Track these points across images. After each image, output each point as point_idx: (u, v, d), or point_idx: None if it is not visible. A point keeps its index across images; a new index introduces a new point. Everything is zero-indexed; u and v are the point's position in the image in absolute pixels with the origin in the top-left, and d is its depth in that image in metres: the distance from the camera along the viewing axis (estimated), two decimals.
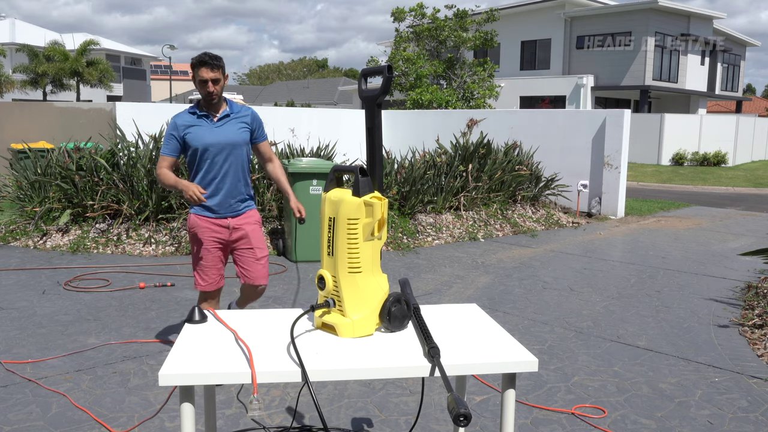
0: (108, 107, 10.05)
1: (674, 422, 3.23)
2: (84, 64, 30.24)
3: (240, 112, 3.53)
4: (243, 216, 3.58)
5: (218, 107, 3.48)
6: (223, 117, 3.48)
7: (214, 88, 3.37)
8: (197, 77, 3.35)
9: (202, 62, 3.33)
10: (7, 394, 3.40)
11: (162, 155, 3.48)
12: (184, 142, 3.44)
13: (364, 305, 1.90)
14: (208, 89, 3.36)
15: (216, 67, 3.35)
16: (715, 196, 14.90)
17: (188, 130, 3.43)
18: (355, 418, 3.21)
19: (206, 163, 3.45)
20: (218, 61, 3.38)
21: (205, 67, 3.33)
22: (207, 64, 3.33)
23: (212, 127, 3.45)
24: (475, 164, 9.28)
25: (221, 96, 3.47)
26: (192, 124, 3.44)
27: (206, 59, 3.34)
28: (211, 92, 3.37)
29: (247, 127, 3.53)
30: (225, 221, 3.52)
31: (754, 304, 5.31)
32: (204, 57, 3.35)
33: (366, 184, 1.86)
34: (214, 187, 3.48)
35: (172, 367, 1.67)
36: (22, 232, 7.32)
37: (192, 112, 3.47)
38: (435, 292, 5.64)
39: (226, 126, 3.48)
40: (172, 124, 3.46)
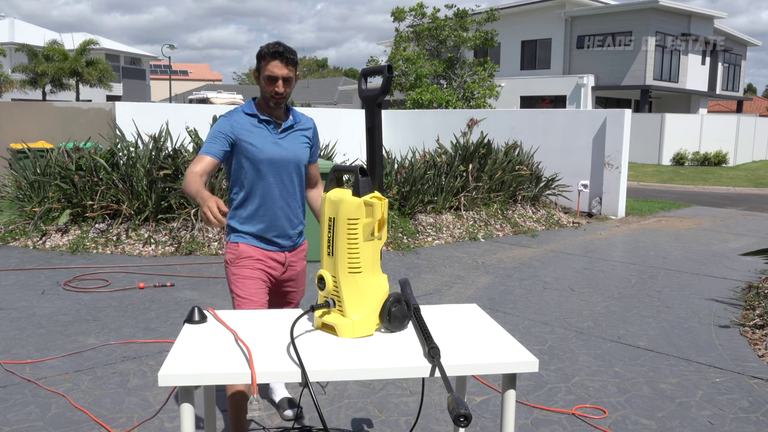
0: (107, 107, 10.04)
1: (675, 423, 3.23)
2: (83, 63, 30.24)
3: (303, 123, 2.87)
4: (299, 250, 2.91)
5: (280, 113, 2.78)
6: (288, 127, 2.78)
7: (284, 88, 2.66)
8: (264, 71, 2.64)
9: (276, 53, 2.61)
10: (7, 395, 3.40)
11: (201, 154, 2.65)
12: (234, 147, 2.68)
13: (364, 305, 1.89)
14: (277, 89, 2.65)
15: (291, 62, 2.65)
16: (716, 196, 14.89)
17: (246, 137, 2.68)
18: (355, 418, 3.20)
19: (264, 182, 2.72)
20: (294, 56, 2.68)
21: (278, 61, 2.62)
22: (282, 56, 2.62)
23: (276, 137, 2.73)
24: (476, 164, 9.28)
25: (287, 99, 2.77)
26: (250, 129, 2.70)
27: (281, 50, 2.62)
28: (281, 93, 2.66)
29: (309, 142, 2.87)
30: (281, 255, 2.81)
31: (755, 305, 5.30)
32: (279, 47, 2.63)
33: (366, 184, 1.85)
34: (273, 213, 2.75)
35: (171, 367, 1.66)
36: (22, 232, 7.32)
37: (250, 114, 2.73)
38: (435, 293, 5.63)
39: (290, 138, 2.78)
40: (224, 123, 2.70)
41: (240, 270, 2.73)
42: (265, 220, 2.74)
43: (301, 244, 2.92)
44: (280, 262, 2.80)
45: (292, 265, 2.86)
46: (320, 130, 12.09)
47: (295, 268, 2.89)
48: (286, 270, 2.84)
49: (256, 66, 2.70)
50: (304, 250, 2.94)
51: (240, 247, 2.74)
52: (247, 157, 2.68)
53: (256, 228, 2.74)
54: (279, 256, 2.80)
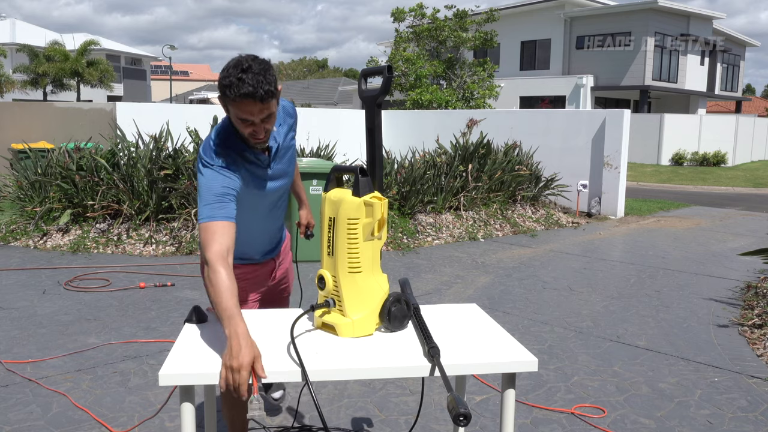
0: (108, 107, 10.06)
1: (674, 422, 3.24)
2: (84, 64, 30.24)
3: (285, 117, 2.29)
4: (283, 248, 2.62)
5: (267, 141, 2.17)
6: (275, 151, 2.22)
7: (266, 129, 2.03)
8: (233, 110, 1.97)
9: (247, 95, 1.91)
10: (8, 394, 3.41)
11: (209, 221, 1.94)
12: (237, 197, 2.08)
13: (364, 305, 1.90)
14: (256, 133, 2.02)
15: (269, 96, 1.94)
16: (715, 196, 14.90)
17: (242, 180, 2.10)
18: (355, 417, 3.21)
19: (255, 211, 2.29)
20: (270, 84, 1.94)
21: (250, 101, 1.92)
22: (254, 96, 1.91)
23: (267, 171, 2.22)
24: (475, 164, 9.29)
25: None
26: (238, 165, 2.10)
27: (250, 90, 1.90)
28: (262, 138, 2.05)
29: (294, 140, 2.38)
30: (271, 264, 2.53)
31: (753, 304, 5.31)
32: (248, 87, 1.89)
33: (366, 184, 1.86)
34: (262, 234, 2.41)
35: (172, 366, 1.67)
36: (23, 232, 7.33)
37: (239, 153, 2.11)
38: (435, 292, 5.64)
39: (280, 156, 2.26)
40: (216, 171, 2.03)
41: None
42: (251, 245, 2.41)
43: (284, 240, 2.63)
44: (269, 271, 2.55)
45: (281, 264, 2.61)
46: (320, 131, 12.10)
47: (284, 264, 2.63)
48: (276, 271, 2.59)
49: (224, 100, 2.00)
50: (287, 244, 2.66)
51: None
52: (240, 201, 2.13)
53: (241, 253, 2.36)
54: (269, 265, 2.54)
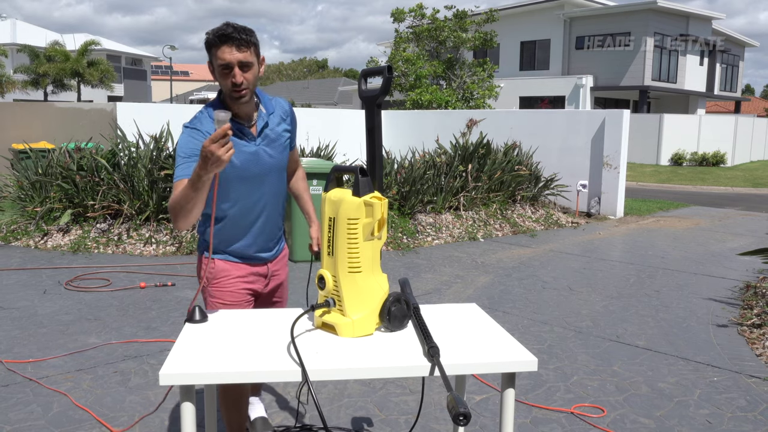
0: (109, 107, 10.06)
1: (673, 421, 3.25)
2: (85, 64, 30.24)
3: (278, 111, 2.40)
4: (279, 258, 2.59)
5: (251, 109, 2.29)
6: (264, 126, 2.32)
7: (243, 77, 2.15)
8: (216, 61, 2.14)
9: (224, 36, 2.10)
10: (8, 394, 3.41)
11: (176, 182, 2.14)
12: None
13: (364, 305, 1.91)
14: (234, 79, 2.14)
15: (245, 43, 2.12)
16: (714, 196, 14.91)
17: None
18: (355, 417, 3.22)
19: (244, 197, 2.34)
20: (249, 35, 2.14)
21: (228, 45, 2.10)
22: (231, 39, 2.10)
23: (252, 146, 2.29)
24: (475, 164, 9.29)
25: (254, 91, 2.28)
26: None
27: (229, 32, 2.10)
28: (240, 84, 2.15)
29: (288, 134, 2.44)
30: (263, 268, 2.50)
31: (752, 304, 5.32)
32: (226, 29, 2.11)
33: (366, 184, 1.87)
34: (252, 227, 2.41)
35: (172, 366, 1.68)
36: (23, 232, 7.33)
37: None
38: (435, 292, 5.65)
39: (271, 139, 2.35)
40: (189, 137, 2.20)
41: (219, 292, 2.42)
42: (245, 236, 2.41)
43: (282, 250, 2.61)
44: (262, 275, 2.51)
45: (276, 274, 2.58)
46: (320, 131, 12.09)
47: (279, 277, 2.61)
48: (269, 281, 2.56)
49: (209, 58, 2.20)
50: (285, 255, 2.64)
51: (217, 264, 2.41)
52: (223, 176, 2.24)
53: (234, 245, 2.41)
54: (261, 269, 2.49)
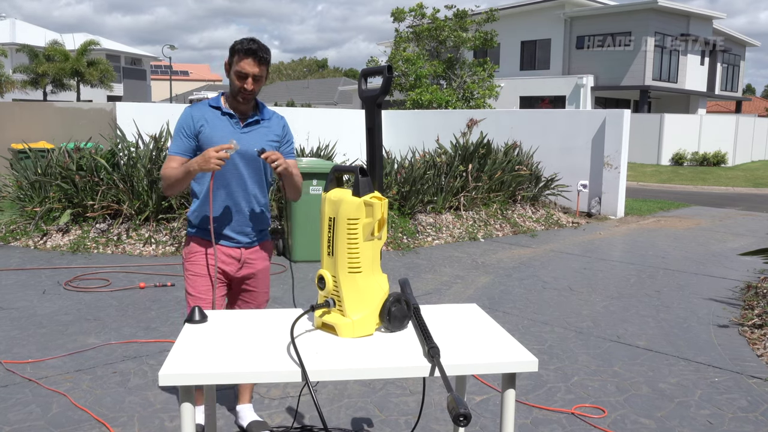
0: (108, 107, 10.06)
1: (674, 422, 3.24)
2: (84, 64, 30.25)
3: (272, 119, 2.81)
4: (257, 248, 2.84)
5: (247, 109, 2.74)
6: (252, 122, 2.73)
7: (254, 86, 2.63)
8: (235, 66, 2.61)
9: (250, 51, 2.58)
10: (8, 394, 3.41)
11: (170, 155, 2.68)
12: (197, 140, 2.68)
13: (364, 305, 1.90)
14: (246, 86, 2.62)
15: (264, 61, 2.62)
16: (715, 196, 14.90)
17: (205, 128, 2.67)
18: (355, 418, 3.21)
19: (222, 177, 2.69)
20: (268, 55, 2.64)
21: (251, 58, 2.59)
22: (254, 54, 2.58)
23: (236, 130, 2.70)
24: (475, 164, 9.29)
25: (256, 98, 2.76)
26: (210, 121, 2.69)
27: (255, 48, 2.58)
28: (250, 91, 2.64)
29: (277, 140, 2.78)
30: (237, 251, 2.77)
31: (753, 304, 5.31)
32: (253, 45, 2.59)
33: (366, 184, 1.86)
34: (227, 208, 2.73)
35: (172, 367, 1.67)
36: (23, 232, 7.33)
37: (215, 106, 2.72)
38: (435, 292, 5.64)
39: (254, 133, 2.72)
40: (186, 116, 2.70)
41: (192, 266, 2.75)
42: (221, 214, 2.71)
43: (262, 243, 2.85)
44: (234, 258, 2.76)
45: (249, 262, 2.80)
46: (320, 131, 12.03)
47: (254, 266, 2.82)
48: (242, 267, 2.79)
49: (228, 59, 2.66)
50: (266, 250, 2.87)
51: (193, 240, 2.76)
52: (205, 148, 2.62)
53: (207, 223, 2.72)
54: (234, 252, 2.76)
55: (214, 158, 2.44)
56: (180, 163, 2.64)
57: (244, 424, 3.07)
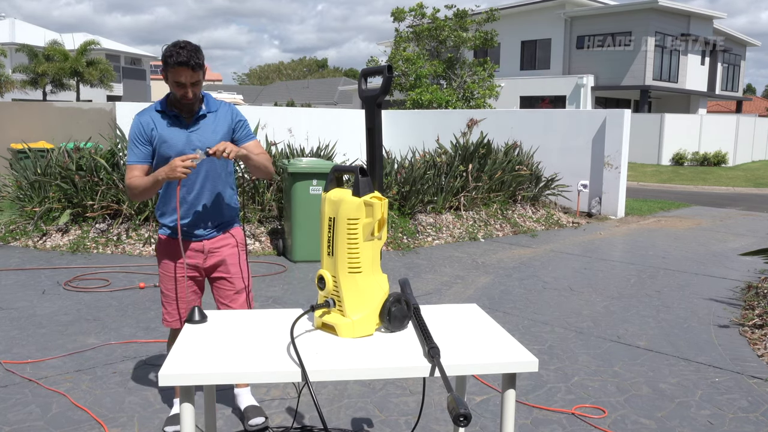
0: (108, 107, 10.05)
1: (674, 422, 3.23)
2: (84, 64, 30.24)
3: (218, 110, 2.86)
4: (221, 237, 2.93)
5: (193, 107, 2.80)
6: (198, 118, 2.80)
7: (193, 92, 2.70)
8: (171, 77, 2.65)
9: (181, 63, 2.61)
10: (7, 394, 3.40)
11: (129, 165, 2.77)
12: (152, 145, 2.78)
13: (364, 305, 1.90)
14: (186, 94, 2.68)
15: (198, 67, 2.65)
16: (716, 196, 14.90)
17: (155, 132, 2.76)
18: (355, 418, 3.21)
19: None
20: (200, 59, 2.66)
21: (184, 68, 2.62)
22: (187, 65, 2.61)
23: (185, 131, 2.77)
24: (475, 164, 9.28)
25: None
26: (159, 125, 2.77)
27: (184, 59, 2.60)
28: (191, 98, 2.71)
29: (227, 129, 2.86)
30: (200, 244, 2.89)
31: (754, 304, 5.31)
32: (181, 55, 2.60)
33: (366, 184, 1.86)
34: (188, 205, 2.83)
35: (172, 367, 1.67)
36: (22, 232, 7.32)
37: (160, 110, 2.79)
38: (435, 292, 5.64)
39: (202, 129, 2.80)
40: (136, 125, 2.78)
41: (162, 265, 2.91)
42: (181, 212, 2.82)
43: (227, 230, 2.94)
44: (198, 251, 2.88)
45: (214, 252, 2.90)
46: (320, 131, 12.01)
47: (219, 254, 2.91)
48: (207, 257, 2.90)
49: (163, 69, 2.70)
50: (231, 236, 2.95)
51: (161, 240, 2.91)
52: (160, 153, 2.76)
53: (172, 220, 2.85)
54: (197, 245, 2.88)
55: (180, 167, 2.55)
56: (141, 171, 2.77)
57: (242, 407, 3.18)
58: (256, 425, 3.04)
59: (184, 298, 2.89)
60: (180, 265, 2.86)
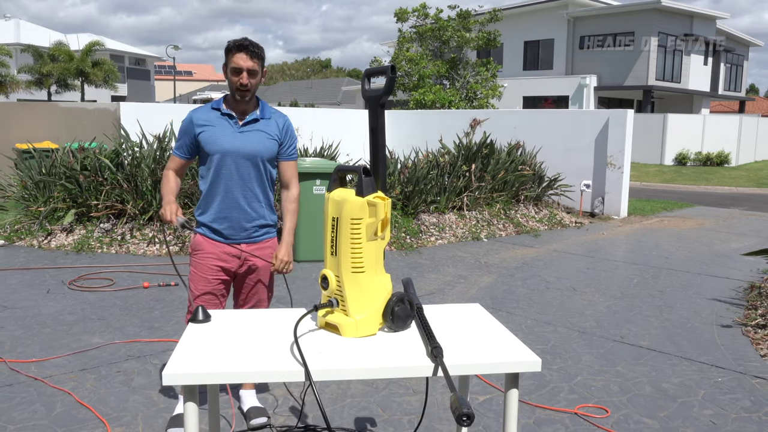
0: (112, 107, 10.08)
1: (677, 422, 3.23)
2: (89, 64, 30.30)
3: (272, 118, 2.89)
4: (260, 244, 2.94)
5: (248, 107, 2.84)
6: (251, 121, 2.84)
7: (248, 80, 2.74)
8: (230, 64, 2.73)
9: (241, 46, 2.71)
10: (12, 393, 3.42)
11: (172, 154, 2.93)
12: (197, 141, 2.83)
13: (367, 305, 1.91)
14: (241, 80, 2.73)
15: (256, 56, 2.74)
16: (718, 196, 14.86)
17: (204, 129, 2.81)
18: (358, 417, 3.22)
19: (220, 175, 2.82)
20: (260, 50, 2.77)
21: (243, 53, 2.71)
22: (246, 49, 2.72)
23: (235, 130, 2.81)
24: (478, 164, 9.28)
25: (254, 94, 2.84)
26: (210, 122, 2.82)
27: (246, 43, 2.73)
28: (245, 85, 2.74)
29: (276, 138, 2.88)
30: (236, 248, 2.88)
31: (757, 304, 5.30)
32: (244, 41, 2.74)
33: (369, 184, 1.87)
34: (227, 205, 2.85)
35: (176, 366, 1.68)
36: (27, 232, 7.35)
37: (215, 108, 2.84)
38: (438, 292, 5.64)
39: (253, 133, 2.83)
40: (188, 119, 2.86)
41: (194, 265, 2.89)
42: (220, 211, 2.85)
43: (263, 241, 2.95)
44: (235, 255, 2.88)
45: (250, 258, 2.91)
46: (324, 131, 12.03)
47: (258, 261, 2.92)
48: (243, 263, 2.91)
49: (224, 61, 2.79)
50: (270, 246, 2.96)
51: (197, 238, 2.89)
52: (205, 149, 2.81)
53: (211, 219, 2.87)
54: (233, 250, 2.87)
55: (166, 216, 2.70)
56: (177, 164, 2.91)
57: (245, 408, 3.18)
58: (258, 425, 3.06)
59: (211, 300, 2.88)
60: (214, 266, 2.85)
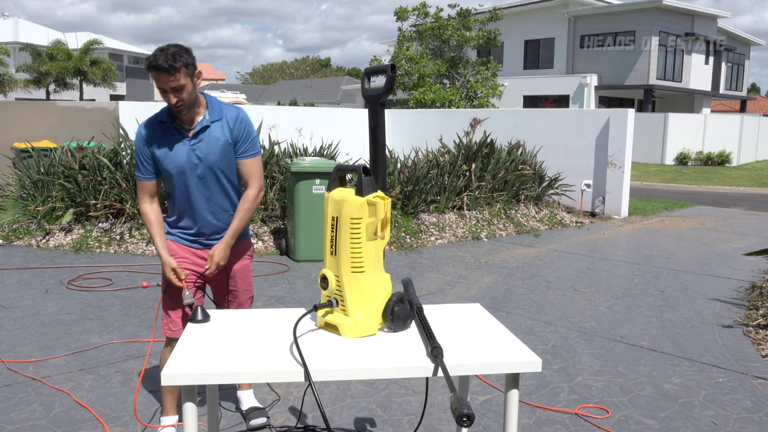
0: (111, 106, 10.07)
1: (678, 423, 3.22)
2: (87, 63, 30.27)
3: (223, 118, 2.66)
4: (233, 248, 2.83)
5: (193, 116, 2.63)
6: (201, 130, 2.62)
7: (177, 98, 2.50)
8: (156, 84, 2.49)
9: (154, 67, 2.44)
10: (10, 393, 3.41)
11: (138, 180, 2.71)
12: (155, 158, 2.66)
13: (367, 305, 1.89)
14: (170, 101, 2.51)
15: (175, 69, 2.44)
16: (719, 196, 14.86)
17: (159, 149, 2.63)
18: (358, 417, 3.21)
19: (181, 189, 2.70)
20: (176, 61, 2.45)
21: (161, 73, 2.44)
22: (160, 69, 2.43)
23: (186, 145, 2.62)
24: (479, 163, 9.27)
25: (195, 101, 2.59)
26: (160, 138, 2.62)
27: (159, 62, 2.42)
28: (177, 103, 2.52)
29: (230, 142, 2.68)
30: (206, 252, 2.79)
31: (758, 304, 5.29)
32: (156, 60, 2.43)
33: (369, 184, 1.85)
34: (193, 217, 2.76)
35: (175, 366, 1.67)
36: (25, 231, 7.34)
37: (161, 121, 2.63)
38: (438, 292, 5.63)
39: (205, 143, 2.63)
40: (139, 138, 2.65)
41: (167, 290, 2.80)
42: (188, 221, 2.78)
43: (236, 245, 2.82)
44: (204, 258, 2.80)
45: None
46: (323, 130, 12.01)
47: (228, 265, 2.84)
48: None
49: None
50: (239, 249, 2.85)
51: (169, 244, 2.79)
52: (162, 167, 2.67)
53: (180, 227, 2.81)
54: (203, 253, 2.80)
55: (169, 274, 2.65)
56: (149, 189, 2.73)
57: (244, 408, 3.17)
58: (257, 425, 3.05)
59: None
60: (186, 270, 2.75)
